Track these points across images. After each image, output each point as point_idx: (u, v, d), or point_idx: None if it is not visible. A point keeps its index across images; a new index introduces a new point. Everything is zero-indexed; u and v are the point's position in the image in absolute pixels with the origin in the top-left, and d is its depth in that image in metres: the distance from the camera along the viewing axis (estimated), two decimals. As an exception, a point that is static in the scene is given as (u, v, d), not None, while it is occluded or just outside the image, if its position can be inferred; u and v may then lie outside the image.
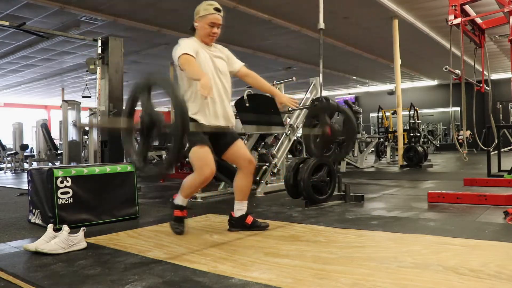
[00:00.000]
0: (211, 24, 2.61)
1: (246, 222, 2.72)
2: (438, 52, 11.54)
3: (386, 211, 3.45)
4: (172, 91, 1.79)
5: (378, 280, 1.69)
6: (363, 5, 8.15)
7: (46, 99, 20.07)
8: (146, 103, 1.89)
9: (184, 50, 2.44)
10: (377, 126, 14.12)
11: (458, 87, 4.17)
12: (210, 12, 2.60)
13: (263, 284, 1.70)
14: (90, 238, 2.61)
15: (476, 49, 4.86)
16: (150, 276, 1.86)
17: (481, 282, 1.63)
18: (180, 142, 1.76)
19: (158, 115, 1.85)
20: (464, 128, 9.45)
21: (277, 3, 7.76)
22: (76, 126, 3.44)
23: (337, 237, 2.53)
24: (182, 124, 1.75)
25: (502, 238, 2.34)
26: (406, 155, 8.71)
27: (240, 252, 2.21)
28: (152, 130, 1.87)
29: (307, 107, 4.95)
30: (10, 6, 7.51)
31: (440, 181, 5.89)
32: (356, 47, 11.53)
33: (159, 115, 1.85)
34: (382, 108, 13.31)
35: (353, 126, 2.87)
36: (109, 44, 5.18)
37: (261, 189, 4.70)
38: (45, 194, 3.06)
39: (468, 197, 3.74)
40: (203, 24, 2.62)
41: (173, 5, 7.76)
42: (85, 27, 8.85)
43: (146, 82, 1.92)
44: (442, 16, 7.46)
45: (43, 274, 1.94)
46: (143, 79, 1.96)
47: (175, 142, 1.78)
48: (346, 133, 2.88)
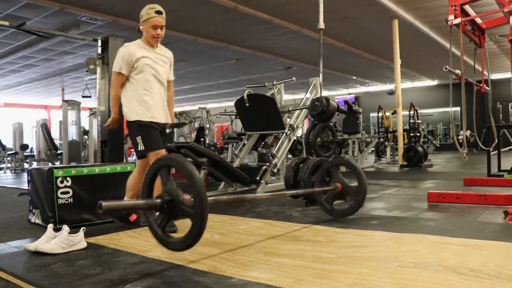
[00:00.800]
0: (154, 26, 2.87)
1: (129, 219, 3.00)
2: (438, 52, 11.54)
3: (386, 211, 3.45)
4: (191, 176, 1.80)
5: (378, 280, 1.69)
6: (363, 5, 8.14)
7: (46, 99, 20.07)
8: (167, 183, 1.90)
9: (117, 68, 2.83)
10: (377, 126, 14.12)
11: (458, 87, 4.17)
12: (152, 15, 2.85)
13: (263, 284, 1.70)
14: (90, 238, 2.61)
15: (476, 49, 4.86)
16: (150, 276, 1.86)
17: (481, 282, 1.63)
18: (200, 224, 1.77)
19: (178, 194, 1.86)
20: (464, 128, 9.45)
21: (277, 3, 7.76)
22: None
23: (337, 237, 2.53)
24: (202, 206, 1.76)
25: (502, 238, 2.34)
26: (406, 155, 8.71)
27: (240, 252, 2.21)
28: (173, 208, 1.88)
29: (307, 107, 4.95)
30: (10, 6, 7.51)
31: (440, 181, 5.89)
32: (356, 47, 11.52)
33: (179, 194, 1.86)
34: (382, 108, 13.31)
35: (364, 184, 2.97)
36: (109, 44, 5.17)
37: (261, 189, 4.70)
38: (45, 194, 3.06)
39: (468, 197, 3.74)
40: (146, 27, 2.88)
41: (173, 5, 7.76)
42: (85, 27, 8.84)
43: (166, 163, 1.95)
44: (442, 16, 7.46)
45: (43, 274, 1.94)
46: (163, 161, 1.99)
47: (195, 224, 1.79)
48: (359, 189, 2.96)
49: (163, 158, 2.00)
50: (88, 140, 6.70)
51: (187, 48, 10.88)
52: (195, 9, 7.99)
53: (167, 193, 1.88)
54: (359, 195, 2.98)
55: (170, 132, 10.32)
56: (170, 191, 1.88)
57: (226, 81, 16.17)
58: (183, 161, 1.88)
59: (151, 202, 1.89)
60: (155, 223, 1.94)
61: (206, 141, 10.95)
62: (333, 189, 3.00)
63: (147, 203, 1.88)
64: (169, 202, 1.87)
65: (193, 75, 14.70)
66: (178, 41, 10.06)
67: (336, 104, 4.69)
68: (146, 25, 2.86)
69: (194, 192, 1.77)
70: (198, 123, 14.02)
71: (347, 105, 9.18)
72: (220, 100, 22.08)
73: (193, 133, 13.10)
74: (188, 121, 13.84)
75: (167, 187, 1.89)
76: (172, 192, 1.87)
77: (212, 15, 8.37)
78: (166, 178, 1.92)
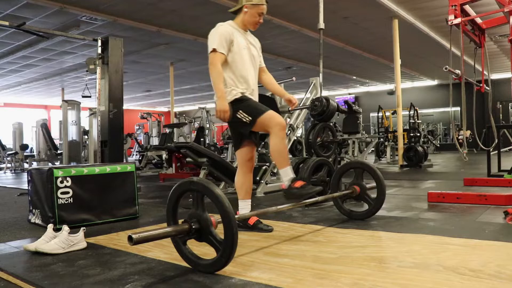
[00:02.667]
0: (260, 13, 2.71)
1: (249, 223, 2.72)
2: (438, 52, 11.54)
3: (386, 211, 3.45)
4: (221, 205, 1.78)
5: (378, 280, 1.69)
6: (363, 5, 8.15)
7: (46, 99, 20.08)
8: (197, 210, 1.89)
9: (216, 45, 2.56)
10: (377, 126, 14.12)
11: (458, 87, 4.17)
12: (263, 2, 2.69)
13: (263, 284, 1.70)
14: (90, 238, 2.61)
15: (476, 49, 4.86)
16: (150, 276, 1.86)
17: (481, 282, 1.63)
18: (229, 254, 1.78)
19: (207, 221, 1.85)
20: (464, 128, 9.46)
21: (277, 3, 7.76)
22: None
23: (337, 237, 2.53)
24: (232, 236, 1.76)
25: (502, 238, 2.34)
26: (406, 155, 8.71)
27: (240, 252, 2.21)
28: (201, 234, 1.88)
29: (307, 107, 4.94)
30: (10, 6, 7.52)
31: (440, 181, 5.89)
32: (356, 47, 11.53)
33: (208, 221, 1.85)
34: (382, 108, 13.31)
35: (384, 189, 2.96)
36: (109, 44, 5.17)
37: (261, 189, 4.70)
38: (45, 194, 3.06)
39: (468, 197, 3.74)
40: (253, 12, 2.69)
41: (173, 5, 7.77)
42: (85, 27, 8.85)
43: (195, 189, 1.90)
44: (442, 16, 7.47)
45: (43, 274, 1.94)
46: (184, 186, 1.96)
47: (224, 252, 1.79)
48: (378, 193, 2.96)
49: (185, 182, 1.94)
50: (88, 140, 6.70)
51: (187, 48, 10.89)
52: (195, 9, 7.99)
53: (195, 219, 1.88)
54: (378, 199, 2.95)
55: (170, 132, 10.33)
56: (199, 217, 1.88)
57: (226, 81, 16.15)
58: (212, 187, 1.84)
59: (181, 228, 1.88)
60: (183, 246, 1.94)
61: (206, 141, 10.95)
62: (351, 192, 2.99)
63: (176, 229, 1.87)
64: (197, 230, 1.88)
65: (193, 75, 14.71)
66: (178, 41, 10.07)
67: (336, 104, 4.68)
68: (254, 10, 2.68)
69: (225, 224, 1.78)
70: (198, 123, 14.04)
71: (347, 105, 9.18)
72: (220, 100, 22.03)
73: (193, 133, 13.11)
74: (188, 121, 13.85)
75: (197, 213, 1.89)
76: (200, 219, 1.88)
77: (212, 15, 8.36)
78: (197, 202, 1.90)
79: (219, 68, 2.56)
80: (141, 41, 10.03)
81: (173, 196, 2.00)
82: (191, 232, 1.88)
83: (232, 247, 1.77)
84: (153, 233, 1.79)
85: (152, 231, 1.80)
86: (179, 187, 1.97)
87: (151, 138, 15.22)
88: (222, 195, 1.81)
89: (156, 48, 10.80)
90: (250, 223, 2.71)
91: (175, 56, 11.99)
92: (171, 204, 2.01)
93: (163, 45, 10.47)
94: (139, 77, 14.84)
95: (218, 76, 2.55)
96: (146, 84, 16.49)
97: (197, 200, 1.90)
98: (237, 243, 1.79)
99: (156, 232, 1.81)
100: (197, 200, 1.90)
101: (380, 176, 2.98)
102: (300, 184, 2.54)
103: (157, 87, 17.47)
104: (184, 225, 1.88)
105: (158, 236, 1.81)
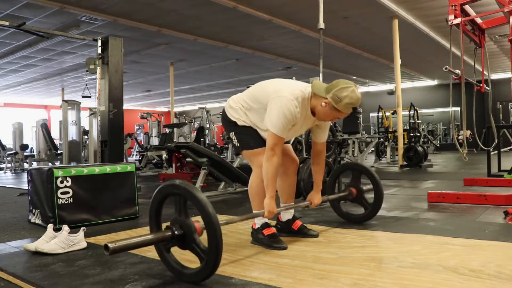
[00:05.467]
0: (338, 115, 2.30)
1: (293, 228, 2.56)
2: (438, 52, 11.54)
3: (386, 211, 3.45)
4: (203, 210, 1.69)
5: (378, 280, 1.70)
6: (363, 5, 8.14)
7: (46, 99, 20.07)
8: (180, 216, 1.80)
9: (280, 129, 2.21)
10: (377, 126, 14.12)
11: (458, 87, 4.17)
12: (347, 111, 2.26)
13: (263, 284, 1.70)
14: (90, 238, 2.61)
15: (476, 49, 4.86)
16: (150, 276, 1.86)
17: (481, 282, 1.63)
18: (213, 264, 1.68)
19: (191, 227, 1.76)
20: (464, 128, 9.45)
21: (277, 3, 7.76)
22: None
23: (337, 237, 2.53)
24: (217, 244, 1.66)
25: (502, 238, 2.34)
26: (406, 155, 8.71)
27: (240, 252, 2.21)
28: (184, 241, 1.78)
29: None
30: (10, 6, 7.51)
31: (440, 181, 5.89)
32: (356, 47, 11.52)
33: (192, 227, 1.76)
34: (382, 108, 13.31)
35: (381, 192, 2.87)
36: (109, 44, 5.18)
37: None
38: (45, 194, 3.06)
39: (468, 197, 3.74)
40: (332, 112, 2.26)
41: (173, 5, 7.77)
42: (85, 27, 8.85)
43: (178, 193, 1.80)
44: (442, 16, 7.46)
45: (43, 274, 1.94)
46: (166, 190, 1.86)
47: (208, 262, 1.69)
48: (375, 197, 2.89)
49: (167, 186, 1.85)
50: (88, 140, 6.70)
51: (187, 48, 10.89)
52: (195, 9, 7.99)
53: (179, 225, 1.79)
54: (375, 203, 2.85)
55: (170, 132, 10.33)
56: (182, 222, 1.78)
57: (226, 81, 16.17)
58: (195, 191, 1.74)
59: (162, 235, 1.78)
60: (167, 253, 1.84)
61: (206, 141, 10.95)
62: (348, 194, 2.91)
63: (157, 237, 1.77)
64: (180, 237, 1.78)
65: (193, 75, 14.71)
66: (178, 41, 10.07)
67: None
68: (334, 112, 2.23)
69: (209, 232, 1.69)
70: (198, 123, 14.04)
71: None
72: (220, 100, 22.08)
73: (193, 133, 13.12)
74: (188, 121, 13.85)
75: (180, 219, 1.79)
76: (183, 225, 1.78)
77: (213, 15, 8.37)
78: (180, 207, 1.80)
79: (276, 163, 2.22)
80: (141, 41, 10.02)
81: (155, 200, 1.89)
82: (174, 239, 1.77)
83: (216, 257, 1.66)
84: (132, 242, 1.69)
85: (131, 238, 1.71)
86: (160, 191, 1.87)
87: (151, 138, 15.23)
88: (205, 200, 1.70)
89: (156, 48, 10.80)
90: (295, 228, 2.55)
91: (175, 56, 11.98)
92: (153, 209, 1.90)
93: (163, 45, 10.47)
94: (139, 77, 14.84)
95: (274, 171, 2.21)
96: (146, 84, 16.48)
97: (180, 205, 1.79)
98: (221, 251, 1.67)
99: (135, 240, 1.71)
100: (180, 204, 1.79)
101: (377, 179, 2.88)
102: (269, 232, 2.34)
103: (157, 87, 17.47)
104: (166, 231, 1.79)
105: (137, 244, 1.72)
